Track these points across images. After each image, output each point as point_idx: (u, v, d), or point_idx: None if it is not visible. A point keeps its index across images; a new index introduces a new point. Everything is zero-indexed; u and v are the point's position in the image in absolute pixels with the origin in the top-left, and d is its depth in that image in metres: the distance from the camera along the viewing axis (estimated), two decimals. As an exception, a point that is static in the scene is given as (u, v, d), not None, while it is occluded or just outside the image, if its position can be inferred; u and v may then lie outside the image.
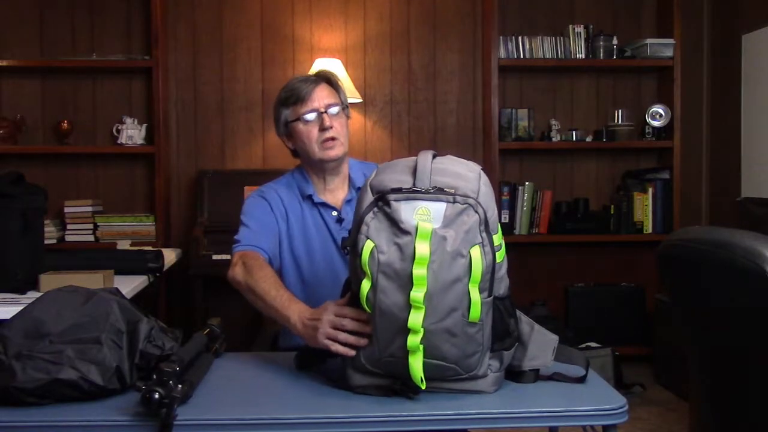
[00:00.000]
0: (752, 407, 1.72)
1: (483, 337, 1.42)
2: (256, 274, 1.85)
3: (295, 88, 2.09)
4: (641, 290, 4.44)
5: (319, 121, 2.06)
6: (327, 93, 2.09)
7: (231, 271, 1.91)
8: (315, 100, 2.06)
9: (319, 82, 2.10)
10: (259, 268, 1.88)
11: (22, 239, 2.51)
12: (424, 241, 1.35)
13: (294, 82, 2.12)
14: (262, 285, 1.80)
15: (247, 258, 1.93)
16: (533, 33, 4.44)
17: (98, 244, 4.19)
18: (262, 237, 2.03)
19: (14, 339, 1.44)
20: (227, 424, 1.37)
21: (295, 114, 2.08)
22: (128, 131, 4.29)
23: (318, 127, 2.05)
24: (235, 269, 1.90)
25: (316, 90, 2.07)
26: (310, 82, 2.09)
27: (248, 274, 1.86)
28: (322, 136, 2.05)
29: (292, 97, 2.08)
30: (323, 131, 2.05)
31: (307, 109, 2.06)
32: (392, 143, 4.57)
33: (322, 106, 2.06)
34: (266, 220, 2.09)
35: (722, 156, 4.47)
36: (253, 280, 1.83)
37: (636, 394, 3.86)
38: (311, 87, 2.07)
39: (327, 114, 2.05)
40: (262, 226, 2.07)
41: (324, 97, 2.07)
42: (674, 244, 1.86)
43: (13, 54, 4.33)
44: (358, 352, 1.46)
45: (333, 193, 2.15)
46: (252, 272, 1.86)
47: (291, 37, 4.50)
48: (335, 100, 2.09)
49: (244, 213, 2.11)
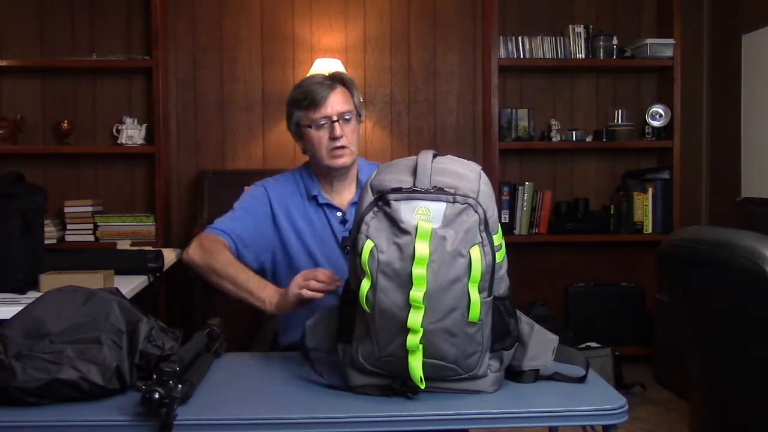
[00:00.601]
0: (752, 407, 1.72)
1: (483, 337, 1.42)
2: (218, 257, 1.95)
3: (310, 91, 2.05)
4: (641, 290, 4.44)
5: (330, 129, 2.04)
6: (341, 99, 2.06)
7: (186, 253, 2.01)
8: (329, 107, 2.03)
9: (334, 86, 2.06)
10: (219, 252, 1.96)
11: (22, 239, 2.51)
12: (424, 241, 1.35)
13: (309, 83, 2.08)
14: (229, 269, 1.92)
15: (205, 240, 2.00)
16: (533, 33, 4.44)
17: (98, 244, 4.19)
18: (238, 224, 2.06)
19: (14, 339, 1.44)
20: (227, 424, 1.37)
21: (308, 119, 2.06)
22: (128, 131, 4.29)
23: (329, 135, 2.04)
24: (190, 251, 2.00)
25: (331, 96, 2.04)
26: (325, 86, 2.05)
27: (209, 256, 1.96)
28: (332, 144, 2.04)
29: (305, 100, 2.05)
30: (333, 139, 2.04)
31: (319, 116, 2.04)
32: (392, 143, 4.57)
33: (335, 114, 2.04)
34: (257, 211, 2.10)
35: (722, 156, 4.47)
36: (218, 264, 1.93)
37: (636, 394, 3.86)
38: (326, 92, 2.04)
39: (339, 123, 2.03)
40: (245, 214, 2.09)
41: (338, 104, 2.04)
42: (674, 244, 1.86)
43: (13, 54, 4.34)
44: (358, 352, 1.46)
45: (339, 194, 2.14)
46: (214, 255, 1.95)
47: (291, 37, 4.50)
48: (349, 107, 2.07)
49: (241, 198, 2.15)
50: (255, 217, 2.09)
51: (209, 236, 2.03)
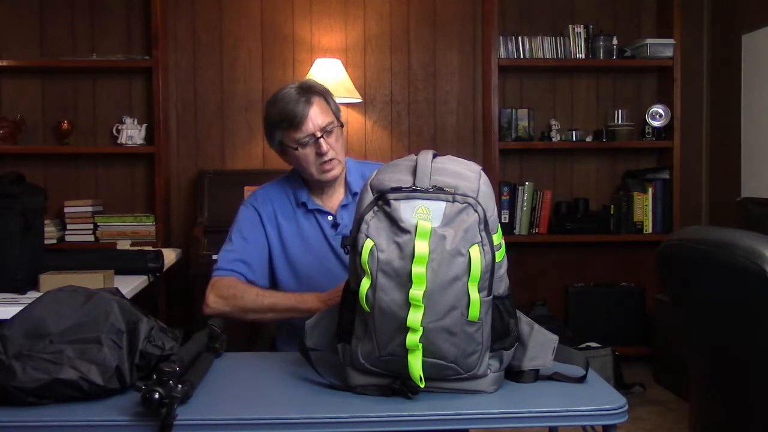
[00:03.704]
0: (752, 407, 1.72)
1: (482, 337, 1.42)
2: (245, 297, 1.98)
3: (287, 111, 2.00)
4: (641, 290, 4.44)
5: (316, 146, 2.02)
6: (320, 111, 2.02)
7: (206, 306, 2.01)
8: (310, 124, 2.00)
9: (310, 100, 2.02)
10: (242, 292, 1.98)
11: (22, 239, 2.51)
12: (424, 240, 1.35)
13: (284, 102, 2.02)
14: (265, 301, 1.95)
15: (219, 289, 2.01)
16: (533, 33, 4.44)
17: (98, 244, 4.19)
18: (242, 258, 2.08)
19: (14, 339, 1.44)
20: (227, 424, 1.36)
21: (291, 140, 2.03)
22: (128, 131, 4.29)
23: (315, 151, 2.03)
24: (210, 303, 2.01)
25: (310, 112, 2.00)
26: (301, 102, 2.01)
27: (235, 301, 1.98)
28: (320, 160, 2.03)
29: (284, 122, 2.01)
30: (320, 155, 2.02)
31: (302, 135, 2.01)
32: (392, 143, 4.57)
33: (318, 130, 2.01)
34: (253, 235, 2.11)
35: (722, 156, 4.47)
36: (250, 303, 1.98)
37: (636, 394, 3.86)
38: (305, 110, 2.00)
39: (323, 138, 2.01)
40: (245, 243, 2.10)
41: (318, 117, 2.01)
42: (674, 244, 1.86)
43: (13, 54, 4.34)
44: (357, 351, 1.46)
45: (329, 198, 2.15)
46: (238, 298, 1.98)
47: (291, 37, 4.50)
48: (329, 119, 2.03)
49: (234, 224, 2.15)
50: (254, 243, 2.11)
51: (222, 283, 2.03)
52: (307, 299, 1.94)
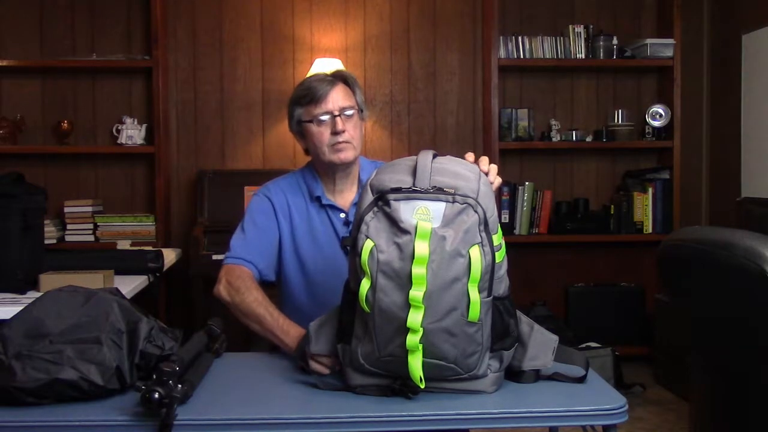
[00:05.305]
0: (752, 407, 1.72)
1: (482, 337, 1.42)
2: (247, 297, 1.91)
3: (311, 87, 2.04)
4: (641, 290, 4.44)
5: (332, 124, 2.03)
6: (343, 95, 2.05)
7: (216, 288, 1.98)
8: (330, 102, 2.02)
9: (335, 82, 2.06)
10: (247, 290, 1.93)
11: (22, 239, 2.51)
12: (424, 241, 1.35)
13: (310, 80, 2.08)
14: (258, 310, 1.87)
15: (232, 276, 1.97)
16: (533, 33, 4.44)
17: (98, 244, 4.19)
18: (255, 247, 2.05)
19: (14, 339, 1.44)
20: (227, 424, 1.37)
21: (309, 115, 2.05)
22: (128, 131, 4.29)
23: (330, 130, 2.03)
24: (220, 287, 1.97)
25: (332, 92, 2.03)
26: (326, 82, 2.05)
27: (237, 294, 1.93)
28: (334, 140, 2.03)
29: (306, 96, 2.04)
30: (335, 134, 2.02)
31: (320, 111, 2.02)
32: (392, 143, 4.57)
33: (336, 109, 2.02)
34: (266, 225, 2.09)
35: (722, 156, 4.47)
36: (244, 304, 1.90)
37: (636, 394, 3.86)
38: (327, 88, 2.03)
39: (341, 117, 2.02)
40: (259, 233, 2.08)
41: (339, 99, 2.03)
42: (674, 244, 1.86)
43: (13, 54, 4.33)
44: (357, 352, 1.46)
45: (342, 194, 2.13)
46: (241, 293, 1.92)
47: (291, 37, 4.50)
48: (350, 103, 2.05)
49: (247, 213, 2.13)
50: (267, 233, 2.09)
51: (234, 271, 2.00)
52: (288, 338, 1.79)
